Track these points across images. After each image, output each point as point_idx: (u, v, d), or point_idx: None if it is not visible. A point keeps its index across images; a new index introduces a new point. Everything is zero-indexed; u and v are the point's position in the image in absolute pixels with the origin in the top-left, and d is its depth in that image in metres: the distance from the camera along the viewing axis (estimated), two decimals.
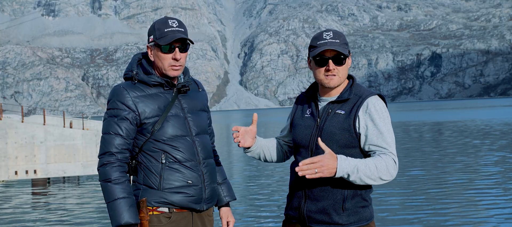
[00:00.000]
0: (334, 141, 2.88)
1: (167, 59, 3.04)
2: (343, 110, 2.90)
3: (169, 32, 3.01)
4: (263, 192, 18.62)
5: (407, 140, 38.47)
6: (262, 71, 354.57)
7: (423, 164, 24.03)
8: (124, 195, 2.94)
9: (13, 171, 24.26)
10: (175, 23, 3.05)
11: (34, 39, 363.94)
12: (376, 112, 2.87)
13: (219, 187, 3.33)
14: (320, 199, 2.91)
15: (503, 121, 57.08)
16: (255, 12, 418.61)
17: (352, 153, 2.87)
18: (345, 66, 2.91)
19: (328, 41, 2.87)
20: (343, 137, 2.87)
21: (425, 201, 15.41)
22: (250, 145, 3.16)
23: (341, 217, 2.88)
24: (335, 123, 2.89)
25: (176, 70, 3.07)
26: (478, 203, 14.84)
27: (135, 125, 3.03)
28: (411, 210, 14.23)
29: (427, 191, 17.09)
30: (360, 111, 2.87)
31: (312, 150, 2.94)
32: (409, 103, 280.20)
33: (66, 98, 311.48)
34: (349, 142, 2.87)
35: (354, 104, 2.89)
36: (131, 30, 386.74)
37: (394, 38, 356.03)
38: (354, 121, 2.86)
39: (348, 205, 2.88)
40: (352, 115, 2.87)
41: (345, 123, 2.87)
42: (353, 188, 2.87)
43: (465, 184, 18.11)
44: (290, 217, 3.06)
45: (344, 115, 2.89)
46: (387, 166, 2.79)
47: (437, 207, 14.53)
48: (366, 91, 2.94)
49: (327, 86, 2.91)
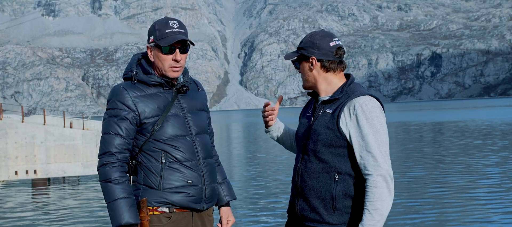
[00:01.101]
0: (319, 139, 2.89)
1: (168, 60, 3.04)
2: (331, 109, 2.91)
3: (170, 34, 3.01)
4: (263, 192, 18.61)
5: (407, 140, 38.44)
6: (262, 71, 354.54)
7: (424, 164, 24.01)
8: (124, 195, 2.94)
9: (13, 171, 24.25)
10: (175, 24, 3.05)
11: (34, 39, 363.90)
12: (363, 113, 2.82)
13: (219, 187, 3.33)
14: (310, 198, 2.93)
15: (504, 121, 57.05)
16: (255, 12, 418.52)
17: (338, 153, 2.87)
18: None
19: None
20: (326, 135, 2.87)
21: (426, 203, 15.39)
22: (271, 124, 3.26)
23: (332, 217, 2.88)
24: (322, 122, 2.91)
25: (176, 71, 3.08)
26: (479, 204, 14.82)
27: (135, 125, 3.03)
28: (411, 211, 14.20)
29: (427, 192, 17.07)
30: (345, 110, 2.85)
31: (303, 149, 2.99)
32: (409, 103, 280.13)
33: (66, 98, 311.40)
34: (334, 141, 2.86)
35: (340, 103, 2.89)
36: (131, 30, 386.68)
37: (394, 38, 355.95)
38: (338, 120, 2.85)
39: (339, 205, 2.87)
40: (336, 113, 2.87)
41: (329, 121, 2.88)
42: (343, 188, 2.87)
43: (467, 185, 18.08)
44: (289, 215, 3.11)
45: (330, 114, 2.90)
46: (381, 197, 2.78)
47: (437, 208, 14.51)
48: (357, 91, 2.90)
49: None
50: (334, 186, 2.86)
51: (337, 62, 2.97)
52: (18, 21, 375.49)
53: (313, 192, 2.91)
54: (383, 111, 2.91)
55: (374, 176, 2.80)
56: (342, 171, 2.86)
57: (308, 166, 2.93)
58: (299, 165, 2.99)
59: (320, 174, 2.88)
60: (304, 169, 2.95)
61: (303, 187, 2.95)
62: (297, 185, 2.99)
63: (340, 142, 2.85)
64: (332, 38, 2.97)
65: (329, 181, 2.87)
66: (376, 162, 2.80)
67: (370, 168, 2.80)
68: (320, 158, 2.89)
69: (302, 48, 2.99)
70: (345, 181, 2.86)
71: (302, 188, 2.96)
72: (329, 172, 2.87)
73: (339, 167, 2.86)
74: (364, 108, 2.82)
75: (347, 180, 2.86)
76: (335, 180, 2.85)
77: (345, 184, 2.85)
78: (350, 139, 2.84)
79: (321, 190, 2.89)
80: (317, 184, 2.90)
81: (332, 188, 2.86)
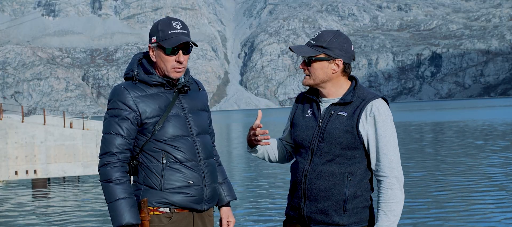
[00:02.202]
0: (337, 142, 2.90)
1: (171, 61, 3.04)
2: (346, 112, 2.92)
3: (174, 35, 3.01)
4: (263, 192, 18.60)
5: (408, 141, 38.44)
6: (262, 71, 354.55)
7: (425, 165, 24.00)
8: (125, 196, 2.95)
9: (13, 171, 24.24)
10: (179, 25, 3.05)
11: (34, 39, 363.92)
12: (380, 115, 2.88)
13: (220, 187, 3.32)
14: (320, 200, 2.93)
15: (505, 121, 57.03)
16: (255, 12, 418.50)
17: (354, 155, 2.91)
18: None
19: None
20: (345, 138, 2.89)
21: (427, 203, 15.38)
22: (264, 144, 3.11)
23: (342, 218, 2.90)
24: (338, 125, 2.91)
25: (179, 72, 3.08)
26: (479, 204, 14.81)
27: (136, 125, 3.02)
28: (412, 212, 14.19)
29: (429, 193, 17.07)
30: (363, 113, 2.89)
31: (313, 151, 2.95)
32: (409, 103, 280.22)
33: (66, 98, 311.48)
34: (352, 143, 2.89)
35: (357, 106, 2.91)
36: (131, 30, 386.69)
37: (394, 38, 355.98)
38: (357, 123, 2.88)
39: (349, 206, 2.90)
40: (355, 117, 2.89)
41: (347, 124, 2.89)
42: (354, 189, 2.90)
43: (467, 185, 18.07)
44: (291, 217, 3.07)
45: (346, 117, 2.91)
46: (396, 199, 2.86)
47: (438, 209, 14.50)
48: (370, 94, 2.95)
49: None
50: (347, 188, 2.89)
51: (352, 66, 3.03)
52: (18, 21, 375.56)
53: (324, 193, 2.92)
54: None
55: (390, 178, 2.86)
56: (354, 172, 2.90)
57: (320, 168, 2.92)
58: (307, 167, 2.96)
59: (333, 176, 2.90)
60: (315, 171, 2.93)
61: (312, 189, 2.94)
62: (304, 187, 2.97)
63: (357, 145, 2.90)
64: (351, 42, 3.01)
65: (341, 183, 2.90)
66: (392, 164, 2.86)
67: (386, 170, 2.86)
68: (336, 161, 2.90)
69: (326, 47, 2.95)
70: (356, 182, 2.91)
71: (311, 190, 2.95)
72: (342, 173, 2.90)
73: (352, 168, 2.90)
74: (380, 111, 2.89)
75: (358, 181, 2.91)
76: (348, 181, 2.89)
77: (356, 185, 2.90)
78: (367, 142, 2.89)
79: (333, 191, 2.90)
80: (329, 186, 2.91)
81: (345, 189, 2.89)
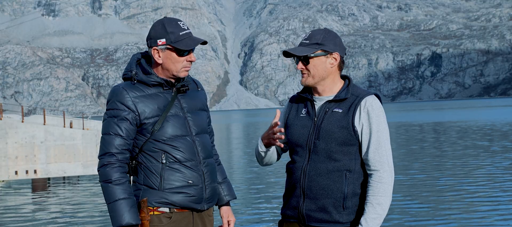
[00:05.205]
0: (333, 138, 2.92)
1: (182, 62, 3.06)
2: (341, 109, 2.95)
3: (185, 36, 3.04)
4: (263, 192, 18.61)
5: (408, 141, 38.42)
6: (262, 71, 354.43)
7: (425, 165, 23.99)
8: (125, 196, 2.95)
9: (13, 171, 24.24)
10: (184, 25, 3.07)
11: (34, 39, 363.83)
12: (373, 111, 2.92)
13: (220, 186, 3.32)
14: (319, 198, 2.94)
15: (505, 121, 57.00)
16: (255, 12, 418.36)
17: (350, 151, 2.93)
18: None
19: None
20: (341, 134, 2.91)
21: (427, 203, 15.38)
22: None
23: (342, 215, 2.92)
24: (334, 121, 2.93)
25: (188, 71, 3.12)
26: (480, 206, 14.80)
27: (135, 125, 3.03)
28: (412, 211, 14.19)
29: (429, 193, 17.06)
30: (358, 109, 2.93)
31: (310, 149, 2.97)
32: (409, 103, 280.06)
33: (66, 98, 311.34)
34: (348, 139, 2.92)
35: (352, 103, 2.95)
36: (131, 30, 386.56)
37: (394, 38, 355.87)
38: (353, 119, 2.92)
39: (349, 204, 2.92)
40: (351, 113, 2.93)
41: (343, 120, 2.93)
42: (353, 186, 2.92)
43: (467, 185, 18.07)
44: (288, 217, 3.06)
45: (342, 113, 2.94)
46: (386, 193, 2.90)
47: (437, 209, 14.50)
48: (363, 91, 2.99)
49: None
50: (346, 185, 2.91)
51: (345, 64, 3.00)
52: (18, 21, 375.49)
53: (324, 191, 2.92)
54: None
55: (381, 172, 2.90)
56: (352, 169, 2.92)
57: (319, 166, 2.93)
58: (306, 166, 2.97)
59: (332, 173, 2.91)
60: (313, 169, 2.94)
61: (311, 187, 2.95)
62: (303, 186, 2.97)
63: (353, 141, 2.92)
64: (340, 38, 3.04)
65: (340, 180, 2.91)
66: (383, 159, 2.91)
67: (377, 165, 2.90)
68: (333, 157, 2.92)
69: (321, 43, 2.97)
70: (354, 179, 2.93)
71: (310, 188, 2.95)
72: (341, 170, 2.91)
73: (350, 165, 2.92)
74: (374, 107, 2.93)
75: (356, 178, 2.93)
76: (347, 178, 2.91)
77: (355, 182, 2.92)
78: (361, 137, 2.93)
79: (333, 189, 2.91)
80: (328, 184, 2.92)
81: (344, 186, 2.91)
